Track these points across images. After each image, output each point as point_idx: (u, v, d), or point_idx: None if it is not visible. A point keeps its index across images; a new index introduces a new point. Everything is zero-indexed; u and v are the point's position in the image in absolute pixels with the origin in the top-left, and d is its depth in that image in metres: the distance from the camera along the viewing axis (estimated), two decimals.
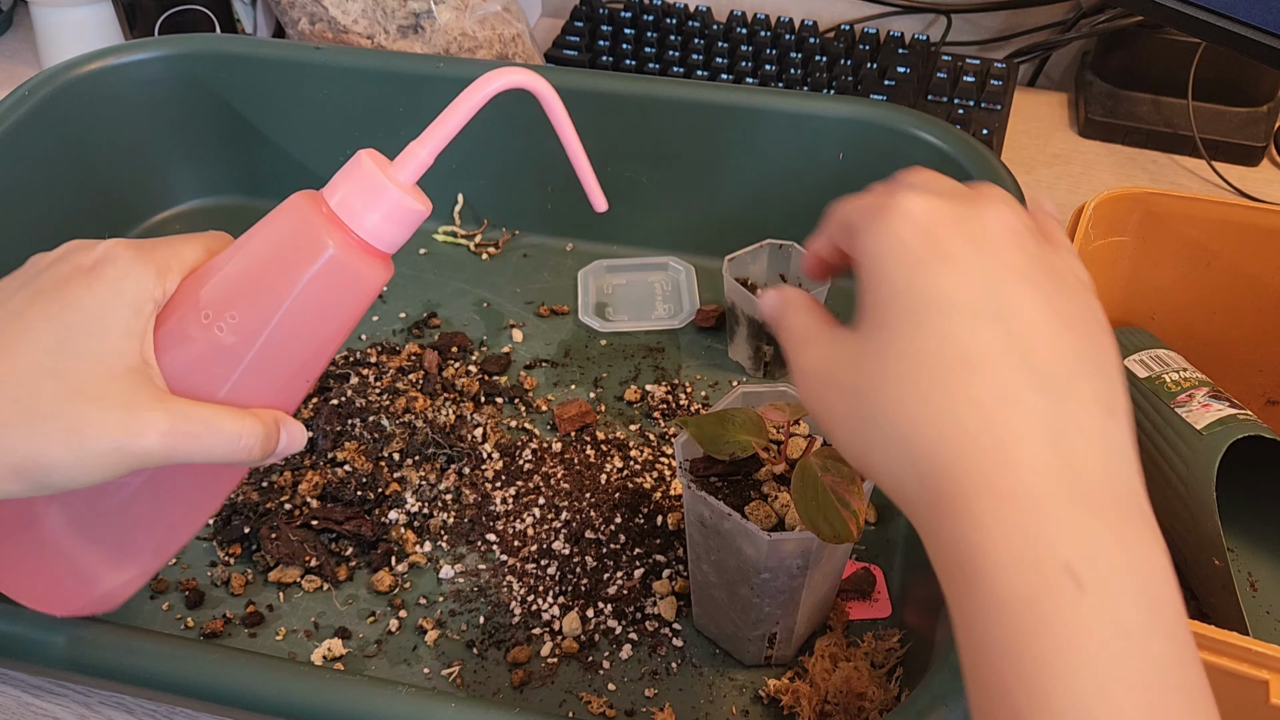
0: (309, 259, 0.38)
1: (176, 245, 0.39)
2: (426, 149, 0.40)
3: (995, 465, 0.28)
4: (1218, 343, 0.55)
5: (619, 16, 0.90)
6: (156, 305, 0.38)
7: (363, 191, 0.39)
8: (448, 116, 0.40)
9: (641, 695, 0.49)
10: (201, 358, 0.37)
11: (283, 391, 0.40)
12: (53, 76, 0.68)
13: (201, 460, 0.37)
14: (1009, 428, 0.28)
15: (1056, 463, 0.28)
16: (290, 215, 0.38)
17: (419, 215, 0.40)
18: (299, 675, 0.42)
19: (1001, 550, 0.27)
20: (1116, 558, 0.27)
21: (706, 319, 0.68)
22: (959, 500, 0.28)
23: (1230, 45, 0.61)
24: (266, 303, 0.38)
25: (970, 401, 0.29)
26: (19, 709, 0.49)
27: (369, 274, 0.39)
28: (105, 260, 0.37)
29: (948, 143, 0.64)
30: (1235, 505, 0.49)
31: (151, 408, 0.36)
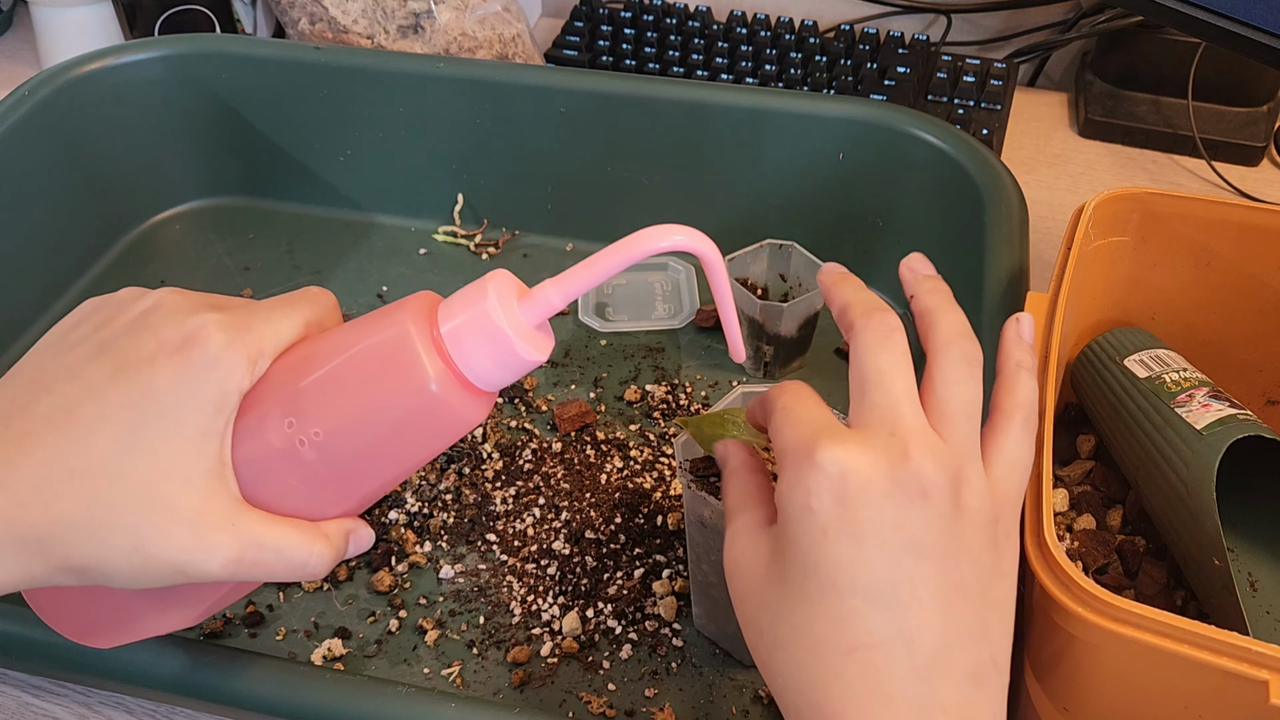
0: (408, 392, 0.35)
1: (274, 321, 0.36)
2: (560, 293, 0.36)
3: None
4: (1218, 343, 0.55)
5: (619, 16, 0.90)
6: (242, 395, 0.35)
7: (480, 331, 0.35)
8: (594, 264, 0.36)
9: (641, 695, 0.49)
10: (278, 464, 0.35)
11: (360, 502, 0.38)
12: (53, 76, 0.68)
13: (265, 580, 0.36)
14: (878, 716, 0.31)
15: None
16: (398, 336, 0.35)
17: (532, 364, 0.36)
18: (299, 675, 0.42)
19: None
20: None
21: (706, 319, 0.67)
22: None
23: (1230, 45, 0.61)
24: (355, 427, 0.35)
25: (845, 689, 0.31)
26: (19, 709, 0.49)
27: (466, 412, 0.36)
28: (195, 341, 0.34)
29: (948, 143, 0.64)
30: (1235, 505, 0.49)
31: (221, 529, 0.33)
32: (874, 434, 0.32)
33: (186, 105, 0.73)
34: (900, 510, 0.32)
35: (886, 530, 0.31)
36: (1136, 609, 0.35)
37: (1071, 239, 0.49)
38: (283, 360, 0.36)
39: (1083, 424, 0.56)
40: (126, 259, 0.73)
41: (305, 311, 0.37)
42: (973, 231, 0.60)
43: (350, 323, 0.37)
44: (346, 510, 0.38)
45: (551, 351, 0.37)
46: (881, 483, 0.32)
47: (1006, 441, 0.35)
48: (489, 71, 0.69)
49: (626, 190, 0.71)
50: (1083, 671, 0.38)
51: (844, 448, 0.32)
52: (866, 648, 0.31)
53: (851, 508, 0.31)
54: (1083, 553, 0.49)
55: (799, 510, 0.32)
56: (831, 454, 0.32)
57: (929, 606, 0.31)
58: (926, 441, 0.33)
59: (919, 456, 0.32)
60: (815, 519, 0.32)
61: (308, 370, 0.35)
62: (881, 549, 0.31)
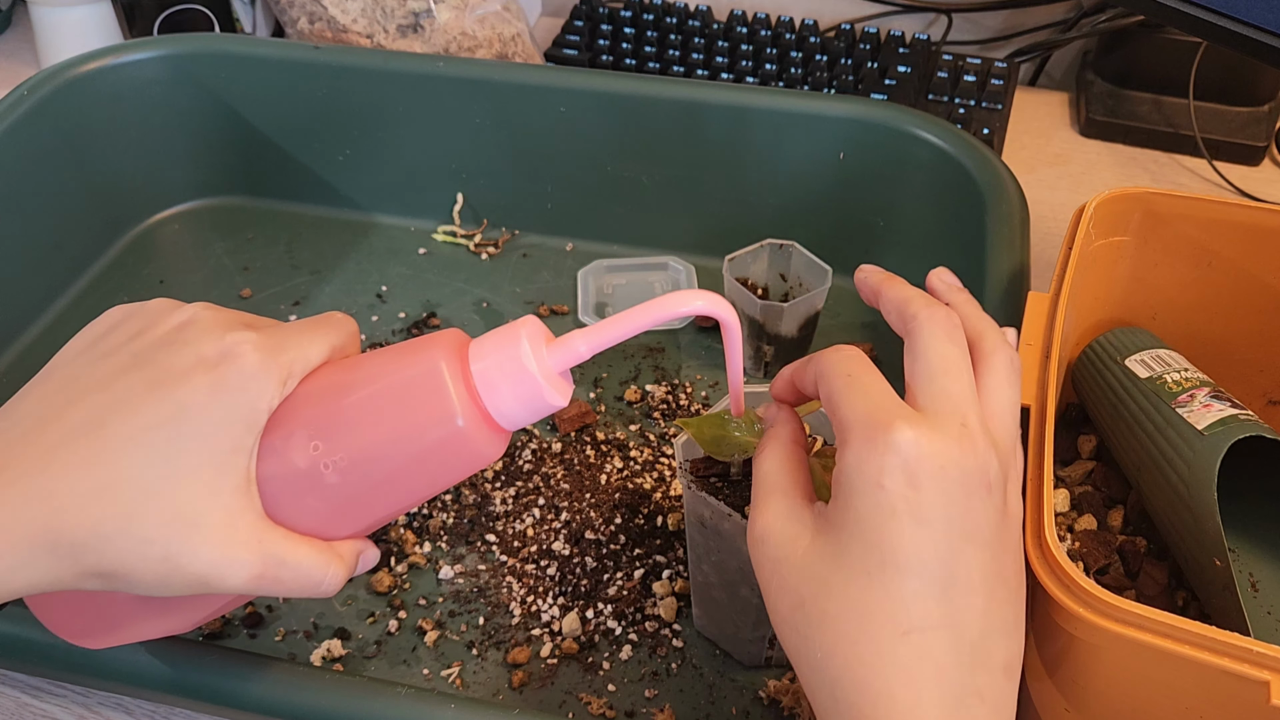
0: (435, 425, 0.36)
1: (304, 344, 0.37)
2: (588, 344, 0.38)
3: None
4: (1219, 342, 0.55)
5: (619, 16, 0.90)
6: (270, 413, 0.36)
7: (509, 374, 0.37)
8: (623, 321, 0.38)
9: (641, 696, 0.49)
10: (299, 485, 0.36)
11: (367, 528, 0.39)
12: (52, 76, 0.68)
13: (280, 595, 0.36)
14: (921, 698, 0.31)
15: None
16: (428, 370, 0.36)
17: (552, 409, 0.38)
18: (298, 676, 0.42)
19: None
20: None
21: (707, 319, 0.67)
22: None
23: (1231, 45, 0.61)
24: (380, 454, 0.36)
25: (895, 669, 0.31)
26: (18, 709, 0.49)
27: (486, 449, 0.37)
28: (231, 358, 0.35)
29: (948, 142, 0.64)
30: (1237, 505, 0.49)
31: (246, 546, 0.34)
32: (947, 422, 0.33)
33: (185, 105, 0.73)
34: (967, 499, 0.32)
35: (954, 516, 0.32)
36: (1137, 609, 0.35)
37: (1072, 239, 0.49)
38: (309, 383, 0.37)
39: (1084, 424, 0.56)
40: (125, 259, 0.73)
41: (332, 337, 0.38)
42: (973, 231, 0.60)
43: (378, 352, 0.38)
44: (357, 532, 0.39)
45: (570, 396, 0.39)
46: (954, 471, 0.32)
47: (1018, 464, 0.37)
48: (489, 71, 0.69)
49: (626, 190, 0.71)
50: (1084, 672, 0.38)
51: (920, 431, 0.32)
52: (921, 630, 0.31)
53: (922, 491, 0.32)
54: (1084, 553, 0.49)
55: (869, 486, 0.32)
56: (908, 435, 0.32)
57: (979, 595, 0.32)
58: (989, 438, 0.34)
59: (986, 452, 0.33)
60: (886, 497, 0.32)
61: (337, 395, 0.36)
62: (946, 534, 0.32)
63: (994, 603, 0.33)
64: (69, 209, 0.70)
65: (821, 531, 0.34)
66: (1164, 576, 0.48)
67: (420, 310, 0.69)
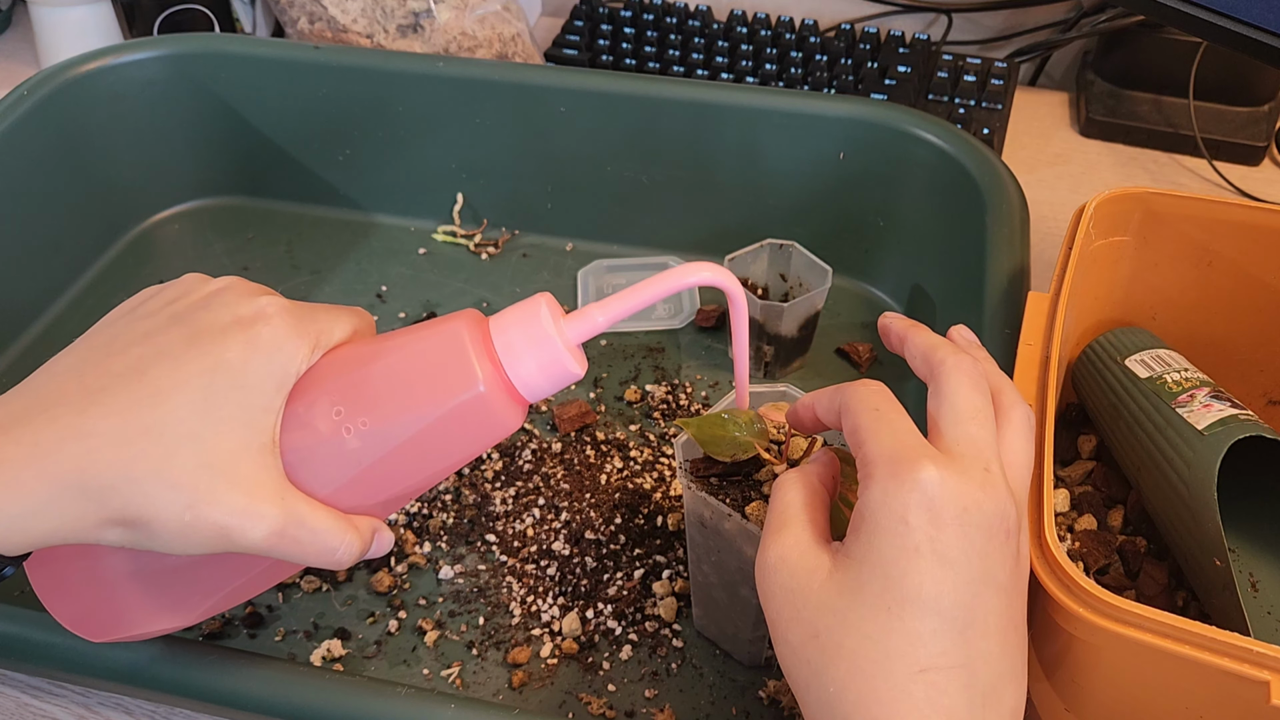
0: (457, 390, 0.37)
1: (329, 319, 0.39)
2: (605, 316, 0.39)
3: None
4: (1219, 342, 0.55)
5: (619, 16, 0.90)
6: (298, 377, 0.37)
7: (530, 339, 0.38)
8: (636, 293, 0.39)
9: (641, 696, 0.49)
10: (322, 452, 0.37)
11: (384, 504, 0.39)
12: (52, 76, 0.68)
13: (293, 561, 0.37)
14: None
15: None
16: (451, 337, 0.37)
17: (572, 377, 0.39)
18: (298, 676, 0.42)
19: None
20: None
21: (707, 319, 0.67)
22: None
23: (1231, 45, 0.61)
24: (402, 419, 0.37)
25: (910, 709, 0.31)
26: (18, 709, 0.49)
27: (507, 418, 0.38)
28: (264, 319, 0.37)
29: (949, 142, 0.64)
30: (1237, 505, 0.49)
31: (270, 501, 0.35)
32: (971, 465, 0.33)
33: (185, 105, 0.73)
34: (987, 542, 0.33)
35: (975, 559, 0.32)
36: (1137, 609, 0.35)
37: (1072, 239, 0.49)
38: (331, 356, 0.38)
39: (1084, 424, 0.56)
40: (125, 258, 0.73)
41: (355, 320, 0.40)
42: (973, 231, 0.60)
43: (398, 330, 0.39)
44: (373, 509, 0.39)
45: (586, 369, 0.39)
46: (976, 514, 0.32)
47: (1025, 481, 0.37)
48: (489, 71, 0.69)
49: (626, 190, 0.71)
50: (1084, 672, 0.38)
51: (947, 472, 0.32)
52: (937, 669, 0.31)
53: (946, 530, 0.32)
54: (1084, 553, 0.49)
55: (893, 521, 0.32)
56: (934, 474, 0.32)
57: (994, 639, 0.32)
58: (1009, 487, 0.34)
59: (1007, 498, 0.33)
60: (910, 534, 0.32)
61: (359, 365, 0.37)
62: (968, 576, 0.32)
63: (1007, 647, 0.33)
64: (69, 209, 0.70)
65: (840, 566, 0.33)
66: (1164, 576, 0.48)
67: (420, 310, 0.69)
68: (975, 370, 0.36)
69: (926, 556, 0.32)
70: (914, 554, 0.32)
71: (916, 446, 0.33)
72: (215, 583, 0.39)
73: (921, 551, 0.32)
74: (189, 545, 0.35)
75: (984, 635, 0.32)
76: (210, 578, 0.39)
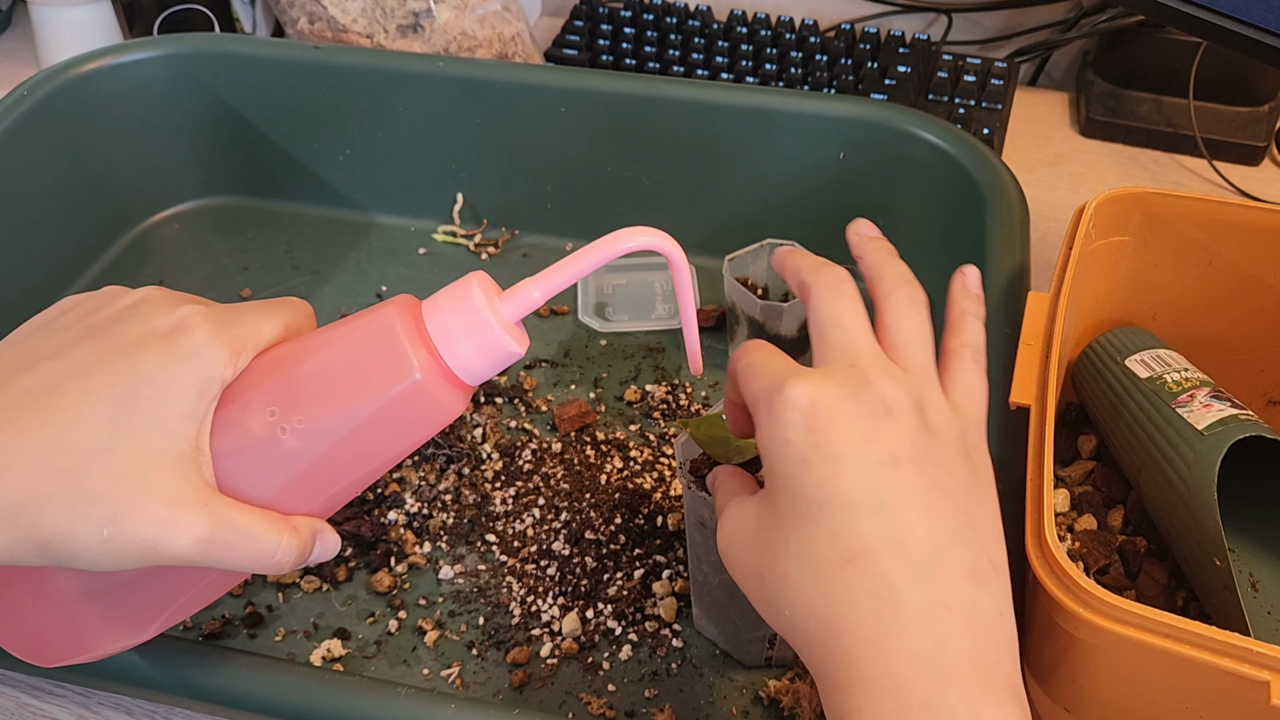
0: (392, 380, 0.36)
1: (257, 320, 0.38)
2: (540, 290, 0.38)
3: (870, 655, 0.32)
4: (1219, 342, 0.55)
5: (619, 16, 0.90)
6: (223, 386, 0.36)
7: (464, 322, 0.37)
8: (571, 263, 0.38)
9: (641, 696, 0.49)
10: (256, 454, 0.36)
11: (328, 503, 0.38)
12: (51, 76, 0.68)
13: (230, 569, 0.36)
14: (884, 622, 0.32)
15: (925, 646, 0.31)
16: (384, 327, 0.36)
17: (512, 357, 0.38)
18: (298, 676, 0.42)
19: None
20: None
21: (707, 319, 0.67)
22: (841, 683, 0.32)
23: (1231, 45, 0.61)
24: (338, 414, 0.36)
25: (851, 600, 0.32)
26: (18, 709, 0.49)
27: (447, 404, 0.37)
28: (182, 330, 0.36)
29: (949, 142, 0.64)
30: (1237, 506, 0.49)
31: (194, 508, 0.34)
32: (835, 368, 0.35)
33: (185, 105, 0.73)
34: (869, 427, 0.34)
35: (859, 445, 0.33)
36: (1137, 610, 0.35)
37: (1072, 239, 0.49)
38: (264, 357, 0.37)
39: (1084, 424, 0.56)
40: (125, 259, 0.73)
41: (285, 315, 0.39)
42: (973, 231, 0.60)
43: (333, 323, 0.38)
44: (314, 509, 0.38)
45: (528, 347, 0.38)
46: (847, 406, 0.34)
47: (959, 373, 0.37)
48: (489, 71, 0.69)
49: (626, 190, 0.71)
50: (1084, 672, 0.38)
51: (809, 381, 0.34)
52: (862, 554, 0.32)
53: (823, 432, 0.33)
54: (1084, 553, 0.49)
55: (779, 446, 0.34)
56: (798, 389, 0.34)
57: (914, 510, 0.33)
58: (885, 368, 0.35)
59: (879, 380, 0.34)
60: (794, 449, 0.33)
61: (292, 362, 0.36)
62: (858, 463, 0.33)
63: (936, 512, 0.33)
64: (69, 209, 0.70)
65: (764, 507, 0.35)
66: (1164, 576, 0.48)
67: None
68: (833, 277, 0.37)
69: (814, 462, 0.33)
70: (804, 465, 0.33)
71: (780, 373, 0.35)
72: (162, 597, 0.38)
73: (809, 460, 0.33)
74: (114, 561, 0.34)
75: (901, 510, 0.33)
76: (156, 592, 0.38)
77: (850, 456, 0.33)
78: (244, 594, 0.53)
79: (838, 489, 0.33)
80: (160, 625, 0.39)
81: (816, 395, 0.34)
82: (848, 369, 0.35)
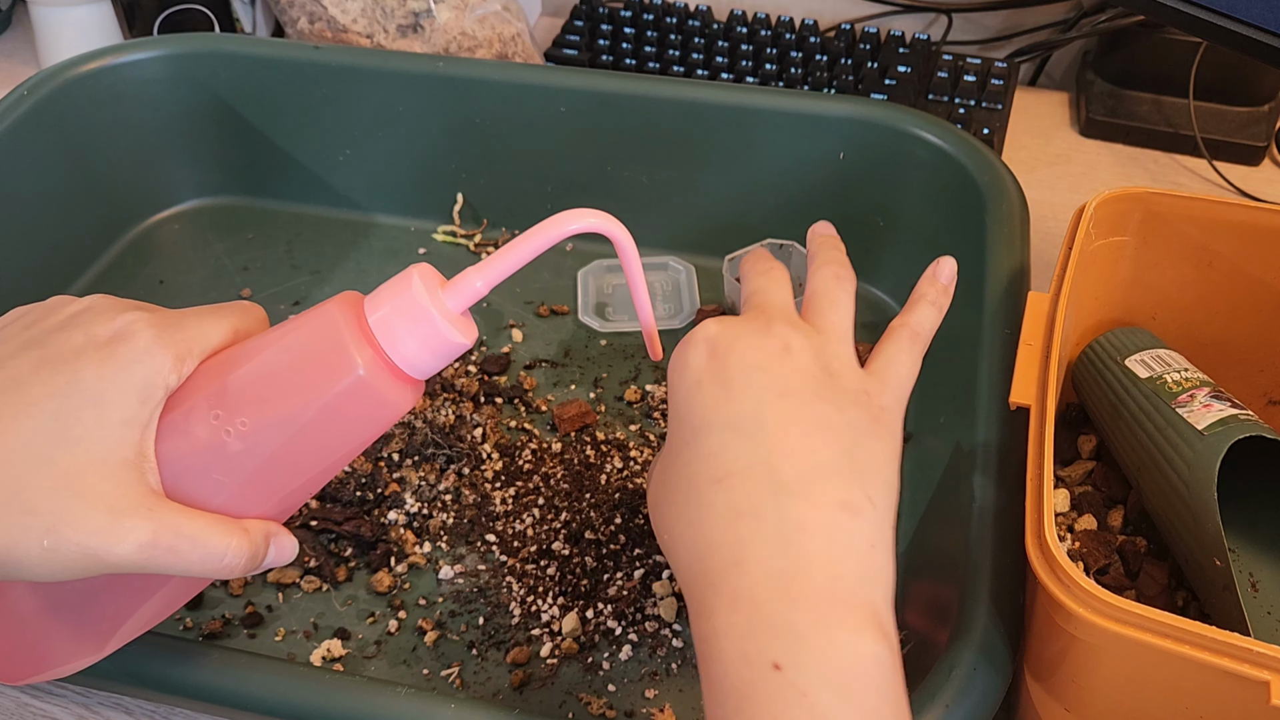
0: (335, 378, 0.35)
1: (202, 324, 0.37)
2: (484, 279, 0.38)
3: (728, 573, 0.32)
4: (1219, 343, 0.55)
5: (619, 16, 0.90)
6: (168, 392, 0.35)
7: (406, 315, 0.36)
8: (513, 249, 0.38)
9: (641, 696, 0.49)
10: (203, 459, 0.35)
11: (280, 505, 0.38)
12: (51, 76, 0.68)
13: (180, 574, 0.35)
14: (742, 538, 0.32)
15: (782, 565, 0.32)
16: (326, 325, 0.36)
17: (460, 348, 0.37)
18: (298, 676, 0.42)
19: (725, 648, 0.32)
20: (817, 650, 0.31)
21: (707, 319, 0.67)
22: (704, 604, 0.33)
23: (1232, 45, 0.61)
24: (282, 415, 0.35)
25: (715, 517, 0.33)
26: (17, 709, 0.49)
27: (395, 399, 0.37)
28: (123, 337, 0.35)
29: (949, 142, 0.64)
30: (1237, 506, 0.49)
31: (136, 514, 0.34)
32: (746, 315, 0.38)
33: (185, 105, 0.73)
34: (765, 358, 0.35)
35: (752, 372, 0.35)
36: (1137, 610, 0.35)
37: (1072, 239, 0.49)
38: (210, 361, 0.37)
39: (1084, 424, 0.56)
40: (125, 259, 0.73)
41: (234, 319, 0.38)
42: (973, 231, 0.60)
43: (278, 324, 0.38)
44: (269, 512, 0.38)
45: (475, 338, 0.38)
46: (748, 337, 0.36)
47: (887, 345, 0.39)
48: (489, 71, 0.69)
49: (626, 190, 0.71)
50: (1084, 672, 0.38)
51: (723, 324, 0.37)
52: (732, 474, 0.33)
53: (719, 359, 0.36)
54: (1084, 553, 0.49)
55: (679, 371, 0.36)
56: (711, 327, 0.37)
57: (793, 437, 0.34)
58: (791, 318, 0.38)
59: (781, 323, 0.37)
60: (690, 373, 0.36)
61: (236, 364, 0.36)
62: (747, 387, 0.35)
63: (816, 443, 0.34)
64: (69, 209, 0.70)
65: (665, 446, 0.37)
66: (1164, 576, 0.48)
67: None
68: (762, 264, 0.41)
69: (707, 385, 0.35)
70: (696, 387, 0.35)
71: (705, 323, 0.37)
72: (119, 608, 0.38)
73: (703, 383, 0.35)
74: (57, 571, 0.33)
75: (780, 436, 0.34)
76: (111, 604, 0.38)
77: (741, 381, 0.35)
78: (244, 594, 0.53)
79: (723, 410, 0.34)
80: (121, 638, 0.38)
81: (721, 330, 0.36)
82: (756, 314, 0.38)
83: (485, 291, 0.38)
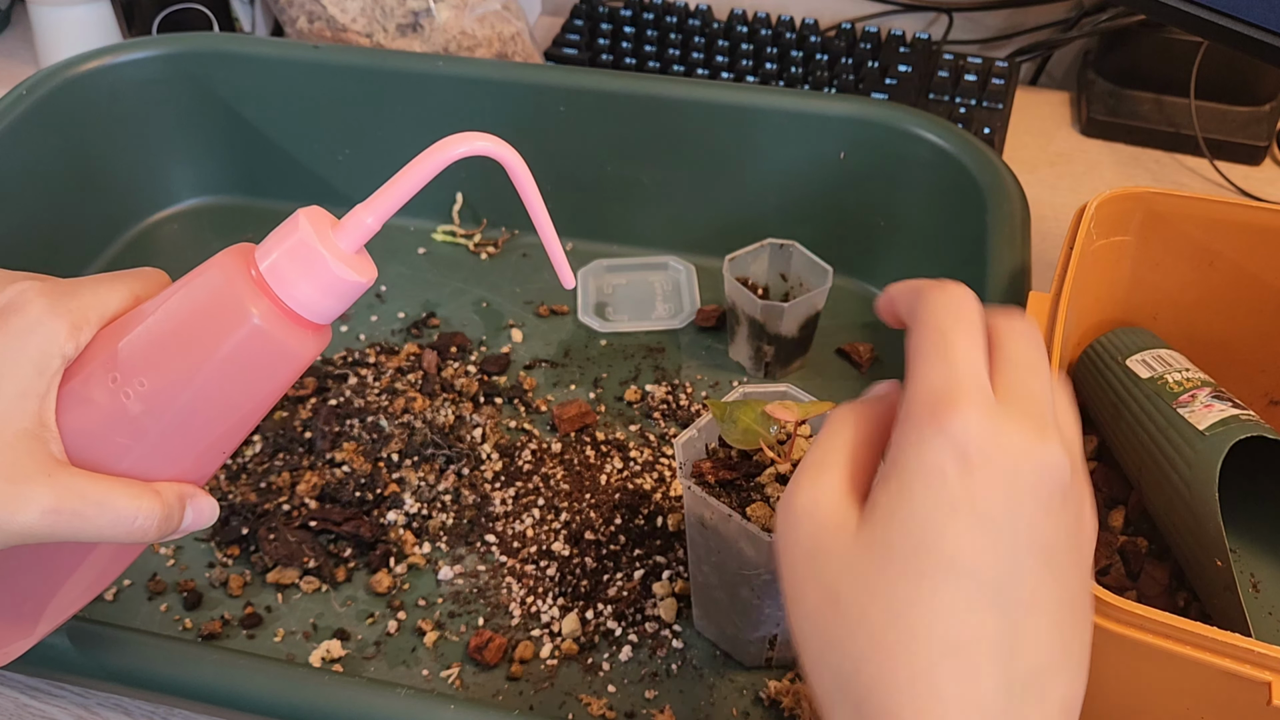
0: (229, 329, 0.34)
1: (99, 291, 0.36)
2: (373, 214, 0.36)
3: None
4: (1220, 342, 0.55)
5: (619, 15, 0.90)
6: (65, 361, 0.35)
7: (296, 259, 0.35)
8: (400, 181, 0.36)
9: (641, 697, 0.49)
10: (105, 424, 0.35)
11: (194, 464, 0.37)
12: (51, 75, 0.68)
13: (90, 540, 0.35)
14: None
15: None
16: (215, 277, 0.35)
17: (358, 288, 0.36)
18: (297, 677, 0.42)
19: None
20: None
21: (707, 319, 0.67)
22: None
23: (1233, 44, 0.61)
24: (179, 372, 0.34)
25: (935, 695, 0.27)
26: (17, 710, 0.49)
27: (296, 346, 0.35)
28: (13, 309, 0.35)
29: (949, 142, 0.64)
30: (1238, 506, 0.49)
31: (37, 481, 0.33)
32: (1026, 414, 0.29)
33: (184, 104, 0.73)
34: (1040, 508, 0.28)
35: (1023, 525, 0.28)
36: (1138, 610, 0.34)
37: (1073, 239, 0.49)
38: (108, 328, 0.36)
39: (1085, 424, 0.56)
40: (125, 258, 0.73)
41: (133, 285, 0.37)
42: (974, 231, 0.60)
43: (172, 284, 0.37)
44: (184, 473, 0.37)
45: (375, 277, 0.37)
46: (1029, 471, 0.28)
47: None
48: (489, 71, 0.69)
49: (626, 189, 0.71)
50: None
51: (998, 420, 0.28)
52: (971, 648, 0.27)
53: (990, 489, 0.28)
54: None
55: (927, 472, 0.28)
56: (979, 420, 0.28)
57: (1043, 619, 0.28)
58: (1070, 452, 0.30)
59: (1064, 458, 0.29)
60: (946, 488, 0.28)
61: (131, 327, 0.35)
62: (1014, 542, 0.28)
63: (1060, 630, 0.29)
64: (67, 208, 0.70)
65: (867, 521, 0.29)
66: (1165, 577, 0.48)
67: (420, 310, 0.69)
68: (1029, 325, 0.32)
69: (964, 515, 0.28)
70: (950, 512, 0.28)
71: (968, 388, 0.29)
72: (41, 587, 0.38)
73: (959, 509, 0.28)
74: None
75: (1031, 614, 0.28)
76: (31, 582, 0.37)
77: (1008, 529, 0.28)
78: (243, 595, 0.53)
79: (977, 561, 0.28)
80: (51, 619, 0.38)
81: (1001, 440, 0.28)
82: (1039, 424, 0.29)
83: (377, 228, 0.36)
